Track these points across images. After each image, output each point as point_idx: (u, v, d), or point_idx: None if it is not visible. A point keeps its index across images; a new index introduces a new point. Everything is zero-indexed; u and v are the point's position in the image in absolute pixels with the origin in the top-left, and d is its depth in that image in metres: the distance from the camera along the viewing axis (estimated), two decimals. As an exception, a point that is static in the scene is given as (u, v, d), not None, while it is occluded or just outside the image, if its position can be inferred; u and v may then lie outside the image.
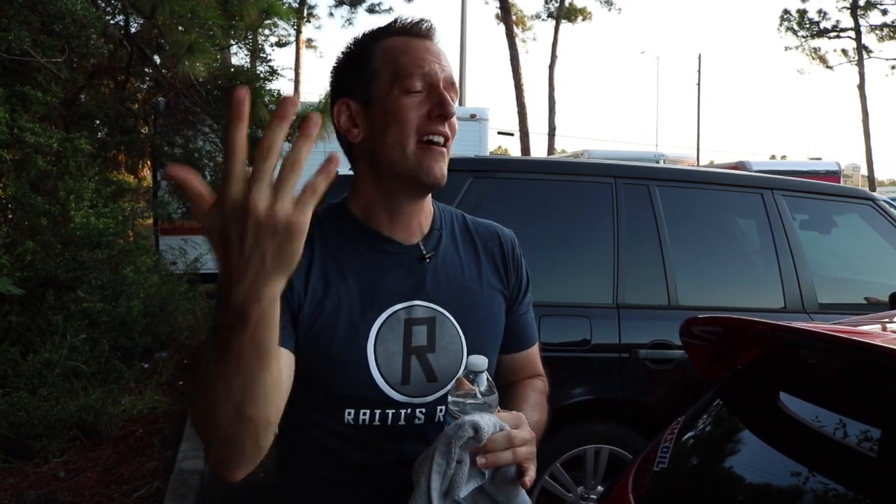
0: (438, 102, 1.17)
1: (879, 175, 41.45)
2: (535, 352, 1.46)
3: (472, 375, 1.09)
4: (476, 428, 1.02)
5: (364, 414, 1.17)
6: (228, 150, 0.73)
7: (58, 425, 4.17)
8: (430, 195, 1.27)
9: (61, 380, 4.47)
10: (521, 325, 1.40)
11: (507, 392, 1.38)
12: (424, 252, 1.25)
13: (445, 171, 1.19)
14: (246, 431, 0.90)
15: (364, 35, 1.26)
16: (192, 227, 8.87)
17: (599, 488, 3.29)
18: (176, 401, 5.42)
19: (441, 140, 1.17)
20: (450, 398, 1.10)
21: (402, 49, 1.20)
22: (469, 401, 1.07)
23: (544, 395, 1.42)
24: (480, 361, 1.09)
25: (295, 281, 1.16)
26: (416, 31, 1.23)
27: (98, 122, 6.72)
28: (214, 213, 0.74)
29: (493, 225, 1.40)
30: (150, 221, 8.98)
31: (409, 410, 1.19)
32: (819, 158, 19.29)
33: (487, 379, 1.09)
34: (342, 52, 1.27)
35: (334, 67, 1.28)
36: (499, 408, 1.11)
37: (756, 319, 1.70)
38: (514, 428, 1.07)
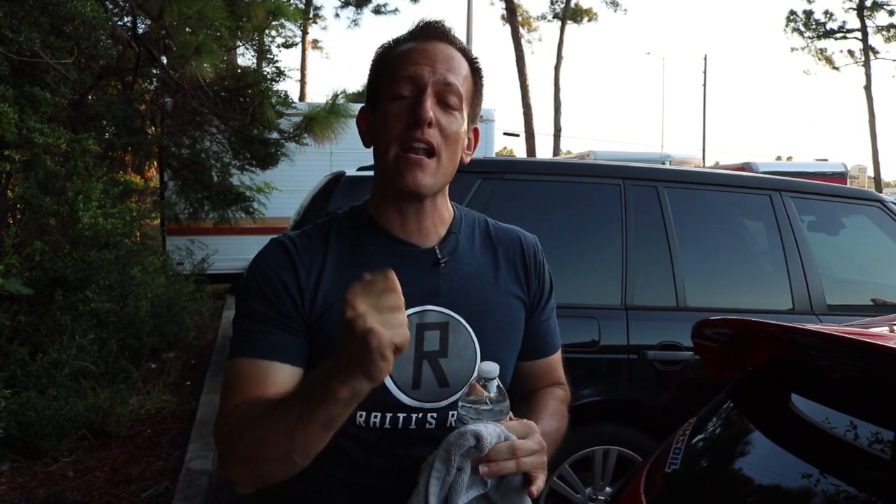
0: (413, 109, 1.15)
1: (885, 176, 41.32)
2: (556, 359, 1.44)
3: (484, 382, 1.08)
4: (478, 437, 1.02)
5: (375, 416, 1.17)
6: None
7: (66, 425, 4.19)
8: (444, 198, 1.28)
9: (70, 380, 4.49)
10: (543, 332, 1.38)
11: (526, 400, 1.38)
12: (440, 256, 1.24)
13: (425, 180, 1.16)
14: (275, 469, 1.04)
15: (386, 42, 1.26)
16: (198, 227, 8.91)
17: (608, 489, 3.29)
18: (183, 401, 5.44)
19: (421, 146, 1.15)
20: (460, 403, 1.10)
21: (403, 54, 1.20)
22: (481, 407, 1.07)
23: (565, 403, 1.41)
24: (492, 368, 1.08)
25: (306, 287, 1.17)
26: (422, 34, 1.22)
27: (105, 122, 6.73)
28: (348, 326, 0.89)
29: (516, 230, 1.38)
30: (157, 222, 9.02)
31: (420, 415, 1.19)
32: (825, 159, 19.20)
33: (498, 385, 1.09)
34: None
35: None
36: (511, 414, 1.11)
37: (768, 321, 1.70)
38: (523, 437, 1.06)
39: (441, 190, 1.23)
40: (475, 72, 1.25)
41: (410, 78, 1.16)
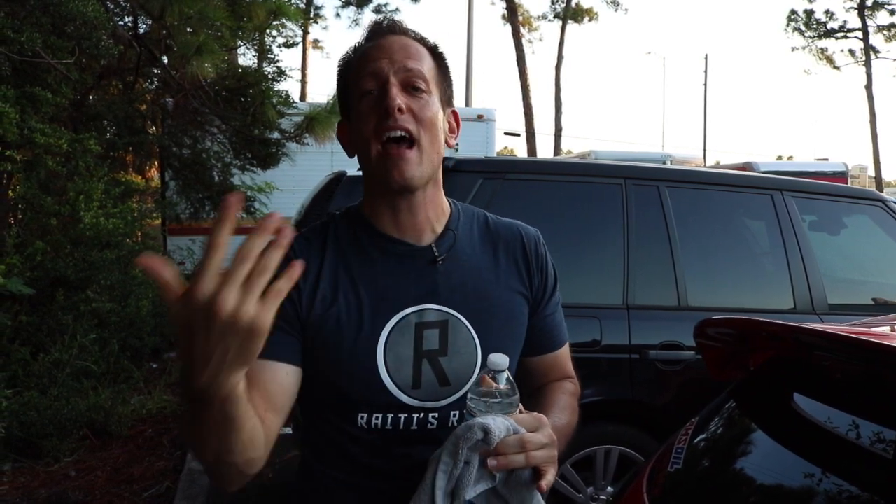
0: (380, 100, 1.16)
1: (886, 175, 41.35)
2: (564, 353, 1.42)
3: (493, 374, 1.06)
4: (486, 430, 0.99)
5: (377, 418, 1.16)
6: (208, 248, 0.77)
7: (68, 425, 4.19)
8: (437, 191, 1.26)
9: (71, 379, 4.50)
10: (548, 327, 1.36)
11: (536, 395, 1.37)
12: (437, 254, 1.23)
13: (411, 172, 1.16)
14: (229, 470, 0.99)
15: (345, 54, 1.27)
16: (199, 227, 8.91)
17: (609, 489, 3.29)
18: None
19: (397, 135, 1.15)
20: (469, 395, 1.07)
21: (362, 56, 1.22)
22: (490, 399, 1.04)
23: (574, 397, 1.39)
24: (501, 360, 1.05)
25: (304, 287, 1.17)
26: (375, 34, 1.23)
27: (107, 122, 6.73)
28: (183, 305, 0.77)
29: (516, 224, 1.36)
30: (158, 222, 9.01)
31: (421, 415, 1.18)
32: (826, 159, 19.17)
33: (508, 378, 1.06)
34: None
35: None
36: (521, 407, 1.09)
37: (771, 321, 1.70)
38: (533, 430, 1.04)
39: (431, 179, 1.21)
40: (436, 56, 1.25)
41: (372, 74, 1.18)
